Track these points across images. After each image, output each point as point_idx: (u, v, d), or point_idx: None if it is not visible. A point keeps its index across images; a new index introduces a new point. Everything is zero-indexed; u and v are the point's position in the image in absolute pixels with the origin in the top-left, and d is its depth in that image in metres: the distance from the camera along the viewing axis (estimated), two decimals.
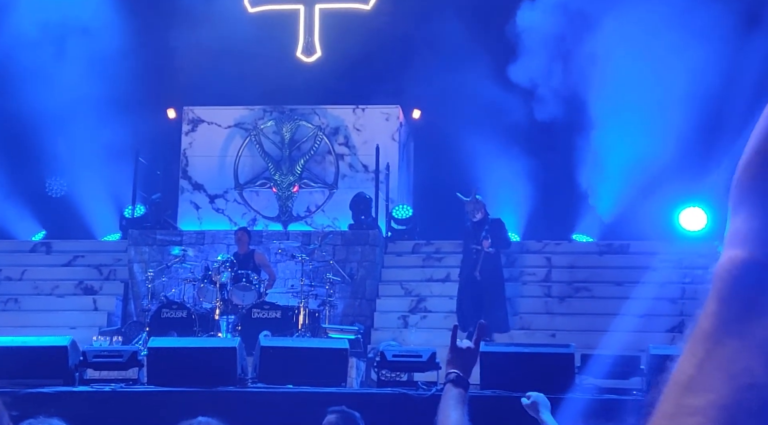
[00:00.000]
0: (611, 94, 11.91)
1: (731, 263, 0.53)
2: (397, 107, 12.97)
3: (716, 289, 0.53)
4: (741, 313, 0.51)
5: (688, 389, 0.51)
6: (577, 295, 11.20)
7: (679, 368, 0.52)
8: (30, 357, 6.88)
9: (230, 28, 12.77)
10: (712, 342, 0.51)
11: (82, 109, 12.28)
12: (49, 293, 11.57)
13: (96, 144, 12.55)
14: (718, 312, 0.52)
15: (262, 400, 6.67)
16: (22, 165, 12.64)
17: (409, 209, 12.55)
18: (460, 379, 2.45)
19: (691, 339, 0.53)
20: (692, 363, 0.51)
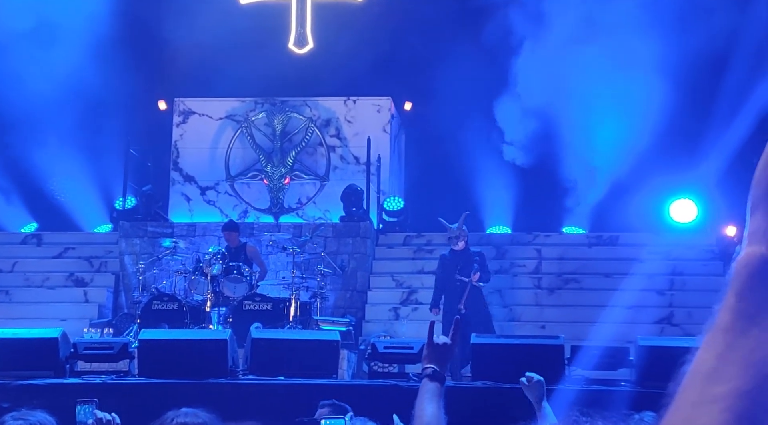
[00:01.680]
0: (601, 84, 11.95)
1: (749, 259, 0.56)
2: (388, 99, 12.98)
3: (735, 284, 0.55)
4: (759, 306, 0.54)
5: (710, 378, 0.53)
6: (566, 287, 11.25)
7: (700, 359, 0.54)
8: (21, 349, 6.88)
9: (222, 20, 12.74)
10: (732, 334, 0.54)
11: (72, 100, 12.24)
12: (40, 285, 11.55)
13: (87, 136, 12.52)
14: (737, 306, 0.54)
15: (253, 392, 6.69)
16: (13, 157, 12.59)
17: (401, 201, 12.57)
18: (437, 374, 2.50)
19: (710, 332, 0.55)
20: (713, 354, 0.54)
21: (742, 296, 0.55)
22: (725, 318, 0.55)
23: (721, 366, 0.53)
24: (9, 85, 12.23)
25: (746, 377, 0.51)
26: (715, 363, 0.53)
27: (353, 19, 12.93)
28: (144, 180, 12.80)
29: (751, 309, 0.54)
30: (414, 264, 11.72)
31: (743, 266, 0.56)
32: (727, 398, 0.51)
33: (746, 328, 0.53)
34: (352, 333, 9.90)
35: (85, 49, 12.32)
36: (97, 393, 6.22)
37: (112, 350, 7.17)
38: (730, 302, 0.55)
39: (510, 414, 3.85)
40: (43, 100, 12.16)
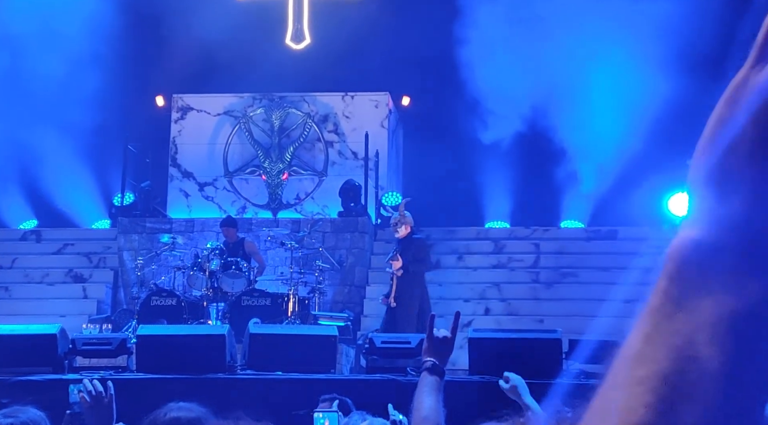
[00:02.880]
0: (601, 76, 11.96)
1: (682, 242, 0.55)
2: (386, 94, 12.98)
3: (667, 267, 0.55)
4: (688, 290, 0.54)
5: (635, 361, 0.53)
6: (564, 281, 11.26)
7: (628, 342, 0.55)
8: (19, 345, 6.89)
9: (219, 16, 12.73)
10: (659, 316, 0.54)
11: (71, 96, 12.23)
12: (39, 281, 11.57)
13: (85, 132, 12.52)
14: (667, 289, 0.54)
15: (251, 387, 6.71)
16: (12, 153, 12.59)
17: (399, 196, 12.58)
18: (436, 367, 2.51)
19: (640, 314, 0.55)
20: (640, 337, 0.54)
21: (673, 280, 0.54)
22: (655, 301, 0.54)
23: (646, 348, 0.53)
24: (8, 81, 12.23)
25: (669, 360, 0.52)
26: (641, 345, 0.53)
27: (350, 15, 12.93)
28: (142, 176, 12.81)
29: (680, 292, 0.54)
30: None
31: (676, 249, 0.55)
32: (650, 380, 0.52)
33: (672, 312, 0.53)
34: (350, 328, 9.91)
35: (83, 45, 12.31)
36: None
37: (110, 345, 7.18)
38: (661, 285, 0.55)
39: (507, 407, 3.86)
40: (42, 96, 12.16)
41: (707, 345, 0.52)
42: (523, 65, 12.35)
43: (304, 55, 13.21)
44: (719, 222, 0.54)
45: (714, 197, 0.55)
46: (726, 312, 0.52)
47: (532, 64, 12.30)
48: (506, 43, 12.34)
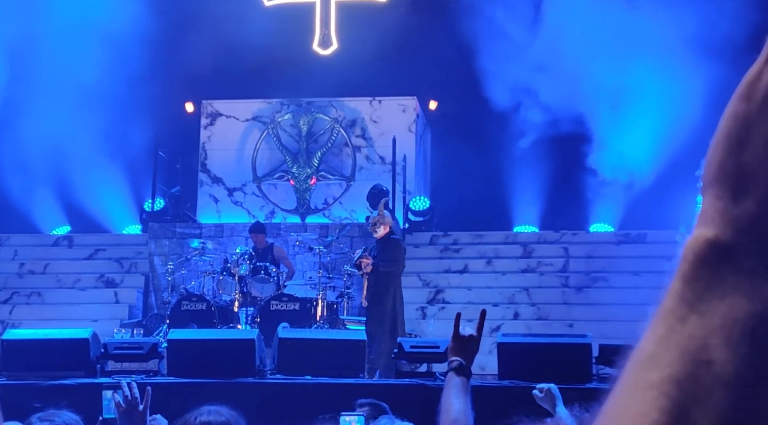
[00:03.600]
0: (632, 79, 11.87)
1: (696, 243, 0.54)
2: (413, 98, 12.98)
3: (681, 268, 0.54)
4: (703, 292, 0.52)
5: (648, 364, 0.52)
6: (594, 285, 11.18)
7: (641, 345, 0.53)
8: (52, 350, 6.97)
9: (247, 22, 12.82)
10: (672, 319, 0.53)
11: (102, 103, 12.37)
12: (72, 286, 11.70)
13: (116, 138, 12.66)
14: (681, 291, 0.53)
15: (280, 391, 6.73)
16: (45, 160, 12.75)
17: (426, 201, 12.58)
18: (463, 367, 2.47)
19: (654, 317, 0.54)
20: (653, 339, 0.53)
21: (686, 281, 0.53)
22: (668, 303, 0.53)
23: (659, 352, 0.52)
24: (39, 89, 12.39)
25: (682, 364, 0.51)
26: (653, 348, 0.52)
27: (378, 19, 12.95)
28: (172, 182, 12.92)
29: (694, 295, 0.52)
30: (440, 264, 11.72)
31: (690, 249, 0.54)
32: (663, 384, 0.51)
33: (686, 314, 0.52)
34: None
35: (113, 52, 12.46)
36: None
37: (141, 350, 7.24)
38: (675, 286, 0.53)
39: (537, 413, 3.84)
40: (73, 104, 12.31)
41: (721, 349, 0.51)
42: (551, 68, 12.30)
43: (332, 60, 13.25)
44: (734, 222, 0.53)
45: (728, 196, 0.54)
46: (741, 315, 0.51)
47: (560, 67, 12.24)
48: (534, 44, 12.30)
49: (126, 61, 12.52)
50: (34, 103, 12.39)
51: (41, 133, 12.43)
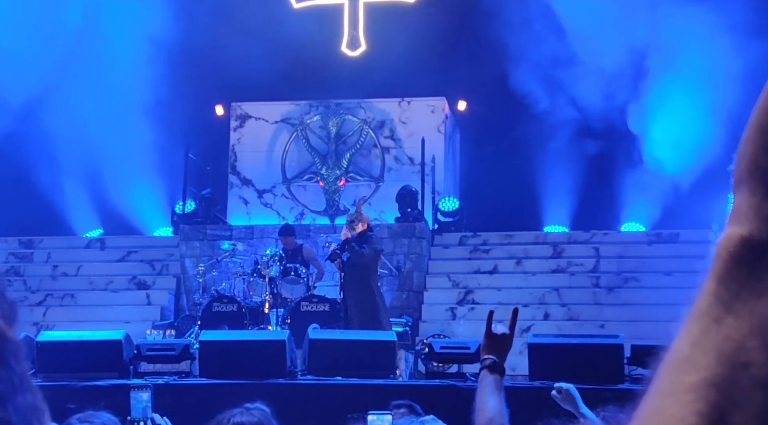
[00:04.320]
0: (665, 77, 11.75)
1: (730, 241, 0.53)
2: (442, 99, 12.96)
3: (715, 267, 0.53)
4: (738, 292, 0.51)
5: (683, 367, 0.51)
6: (626, 285, 11.09)
7: (675, 346, 0.52)
8: (86, 351, 7.05)
9: (276, 24, 12.88)
10: (708, 320, 0.51)
11: (133, 107, 12.49)
12: (104, 288, 11.82)
13: (148, 141, 12.77)
14: (716, 291, 0.52)
15: (311, 392, 6.76)
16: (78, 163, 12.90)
17: (456, 202, 12.55)
18: (496, 365, 2.45)
19: (687, 317, 0.53)
20: (687, 341, 0.51)
21: (721, 281, 0.52)
22: (703, 303, 0.52)
23: (695, 354, 0.50)
24: (70, 95, 12.54)
25: (720, 367, 0.49)
26: (688, 350, 0.51)
27: (406, 20, 12.95)
28: (203, 184, 13.01)
29: (729, 294, 0.51)
30: (470, 264, 11.69)
31: (723, 248, 0.52)
32: (699, 388, 0.49)
33: (722, 315, 0.51)
34: (409, 334, 9.91)
35: (144, 56, 12.58)
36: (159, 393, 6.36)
37: (173, 351, 7.30)
38: (709, 286, 0.52)
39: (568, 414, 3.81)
40: (105, 109, 12.44)
41: (760, 351, 0.49)
42: (581, 67, 12.22)
43: (360, 61, 13.27)
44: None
45: (763, 192, 0.53)
46: None
47: (591, 65, 12.15)
48: (564, 43, 12.22)
49: (157, 64, 12.63)
50: (67, 106, 12.53)
51: (74, 136, 12.58)
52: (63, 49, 12.51)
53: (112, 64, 12.59)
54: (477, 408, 2.39)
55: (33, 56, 12.43)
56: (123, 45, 12.58)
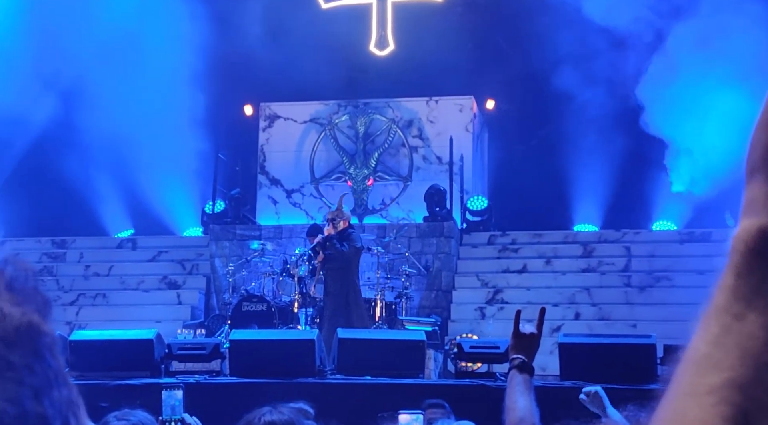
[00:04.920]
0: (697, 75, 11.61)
1: (747, 233, 0.50)
2: (470, 97, 12.92)
3: (732, 261, 0.50)
4: (759, 286, 0.48)
5: (704, 367, 0.48)
6: (657, 285, 10.98)
7: (694, 345, 0.49)
8: (118, 350, 7.11)
9: (304, 24, 12.92)
10: (728, 317, 0.49)
11: (163, 108, 12.59)
12: (135, 288, 11.93)
13: (178, 142, 12.87)
14: (735, 286, 0.49)
15: (341, 391, 6.76)
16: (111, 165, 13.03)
17: (484, 201, 12.51)
18: (525, 364, 2.45)
19: (705, 314, 0.50)
20: (707, 339, 0.49)
21: (740, 274, 0.49)
22: (721, 299, 0.49)
23: (716, 353, 0.48)
24: (102, 96, 12.66)
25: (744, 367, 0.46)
26: (709, 349, 0.48)
27: (434, 19, 12.93)
28: (232, 184, 13.08)
29: (749, 288, 0.48)
30: (499, 263, 11.64)
31: (741, 240, 0.50)
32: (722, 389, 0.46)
33: (743, 311, 0.48)
34: (437, 333, 9.90)
35: (174, 56, 12.67)
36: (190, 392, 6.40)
37: (204, 350, 7.34)
38: (726, 281, 0.49)
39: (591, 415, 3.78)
40: (137, 110, 12.54)
41: None
42: (610, 64, 12.11)
43: (388, 60, 13.27)
44: None
45: None
46: None
47: (620, 63, 12.05)
48: (592, 40, 12.13)
49: (186, 65, 12.73)
50: (100, 107, 12.65)
51: (107, 137, 12.71)
52: (99, 49, 12.64)
53: (144, 66, 12.69)
54: (507, 408, 2.38)
55: (69, 57, 12.56)
56: (157, 46, 12.67)
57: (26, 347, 0.51)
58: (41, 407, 0.49)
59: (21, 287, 0.53)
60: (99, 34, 12.69)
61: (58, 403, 0.50)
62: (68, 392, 0.53)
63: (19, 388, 0.48)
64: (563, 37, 12.21)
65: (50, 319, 0.55)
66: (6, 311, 0.51)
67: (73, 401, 0.53)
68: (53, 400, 0.50)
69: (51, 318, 0.55)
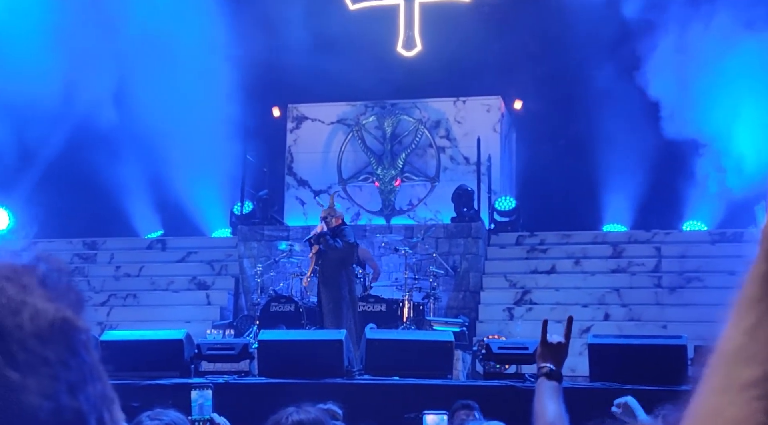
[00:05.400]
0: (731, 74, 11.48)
1: None
2: (498, 98, 12.88)
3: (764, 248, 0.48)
4: None
5: (739, 360, 0.46)
6: (688, 285, 10.87)
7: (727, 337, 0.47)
8: (148, 350, 7.17)
9: (331, 26, 12.95)
10: (763, 308, 0.47)
11: (193, 110, 12.68)
12: (165, 288, 12.02)
13: (206, 144, 12.96)
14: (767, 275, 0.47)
15: (368, 391, 6.76)
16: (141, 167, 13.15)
17: (512, 201, 12.46)
18: (554, 372, 2.47)
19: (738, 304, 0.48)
20: (742, 330, 0.47)
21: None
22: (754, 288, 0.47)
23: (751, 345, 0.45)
24: (133, 98, 12.78)
25: None
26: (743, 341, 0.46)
27: (462, 20, 12.90)
28: (260, 185, 13.15)
29: None
30: (527, 264, 11.58)
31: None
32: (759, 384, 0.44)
33: None
34: (465, 334, 9.87)
35: (203, 61, 12.76)
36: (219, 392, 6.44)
37: (233, 351, 7.38)
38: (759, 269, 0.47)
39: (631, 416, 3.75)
40: (166, 112, 12.64)
41: None
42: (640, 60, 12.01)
43: (416, 61, 13.27)
44: None
45: None
46: None
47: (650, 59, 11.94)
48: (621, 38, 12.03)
49: (216, 67, 12.81)
50: (130, 109, 12.78)
51: (136, 139, 12.83)
52: (133, 51, 12.76)
53: (175, 68, 12.79)
54: (536, 414, 2.41)
55: (100, 60, 12.70)
56: (187, 49, 12.76)
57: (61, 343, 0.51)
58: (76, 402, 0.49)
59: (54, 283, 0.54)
60: (133, 35, 12.82)
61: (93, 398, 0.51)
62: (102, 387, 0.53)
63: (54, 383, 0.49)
64: (592, 36, 12.13)
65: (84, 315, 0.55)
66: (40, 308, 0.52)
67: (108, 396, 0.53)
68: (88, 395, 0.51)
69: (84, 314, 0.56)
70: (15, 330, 0.49)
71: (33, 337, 0.49)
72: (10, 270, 0.53)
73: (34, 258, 0.56)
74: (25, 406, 0.46)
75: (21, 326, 0.50)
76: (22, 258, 0.55)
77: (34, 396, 0.47)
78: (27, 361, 0.48)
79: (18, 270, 0.53)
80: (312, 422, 2.52)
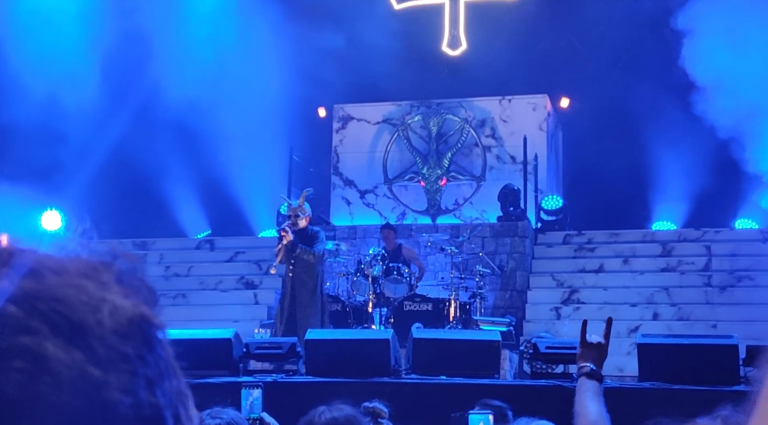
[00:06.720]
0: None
1: None
2: (544, 96, 12.80)
3: None
4: None
5: None
6: (739, 284, 10.69)
7: None
8: (197, 349, 7.24)
9: (377, 25, 12.98)
10: None
11: (240, 111, 12.82)
12: (214, 288, 12.17)
13: (254, 144, 13.09)
14: None
15: (416, 391, 6.78)
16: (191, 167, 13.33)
17: (559, 200, 12.36)
18: (594, 372, 2.48)
19: None
20: None
21: None
22: None
23: None
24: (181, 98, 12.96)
25: None
26: None
27: (507, 18, 12.84)
28: (306, 185, 13.17)
29: None
30: (575, 263, 11.49)
31: None
32: None
33: None
34: (512, 333, 9.83)
35: (250, 62, 12.88)
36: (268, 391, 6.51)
37: (281, 350, 7.44)
38: None
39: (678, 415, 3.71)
40: (213, 114, 12.80)
41: None
42: (689, 58, 11.83)
43: (461, 60, 13.24)
44: None
45: None
46: None
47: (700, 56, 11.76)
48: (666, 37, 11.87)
49: (260, 68, 12.93)
50: (177, 109, 12.95)
51: (185, 140, 13.00)
52: (179, 53, 12.94)
53: (222, 70, 12.93)
54: (577, 413, 2.42)
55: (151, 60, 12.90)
56: (234, 50, 12.90)
57: (138, 339, 0.54)
58: (154, 397, 0.52)
59: (130, 280, 0.57)
60: (180, 36, 12.99)
61: (169, 394, 0.54)
62: (178, 383, 0.56)
63: (133, 379, 0.51)
64: (638, 33, 11.98)
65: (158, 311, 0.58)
66: (118, 304, 0.54)
67: (183, 392, 0.56)
68: (165, 391, 0.53)
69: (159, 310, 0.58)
70: (95, 327, 0.52)
71: (113, 334, 0.52)
72: (89, 267, 0.55)
73: (109, 254, 0.58)
74: (107, 402, 0.49)
75: (101, 323, 0.52)
76: (99, 255, 0.58)
77: (115, 392, 0.50)
78: (108, 357, 0.51)
79: (96, 267, 0.56)
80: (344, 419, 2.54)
